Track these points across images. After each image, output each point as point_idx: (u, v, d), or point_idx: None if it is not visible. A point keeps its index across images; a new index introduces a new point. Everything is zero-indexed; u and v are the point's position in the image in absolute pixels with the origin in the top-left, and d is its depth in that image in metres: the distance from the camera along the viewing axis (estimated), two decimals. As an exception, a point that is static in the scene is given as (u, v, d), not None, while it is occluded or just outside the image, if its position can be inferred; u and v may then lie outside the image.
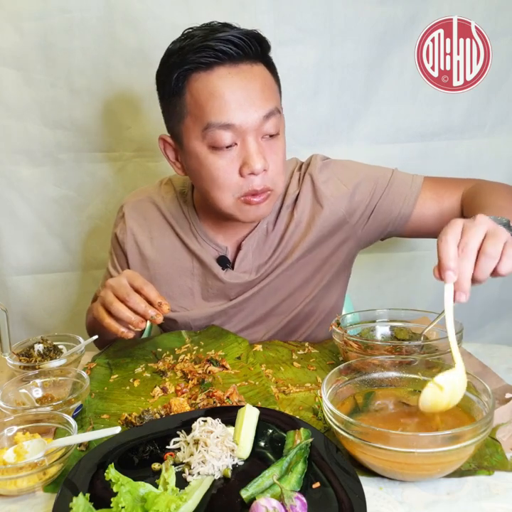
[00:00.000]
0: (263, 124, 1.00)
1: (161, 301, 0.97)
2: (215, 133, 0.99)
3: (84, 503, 0.60)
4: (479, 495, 0.65)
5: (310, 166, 1.18)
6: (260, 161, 1.00)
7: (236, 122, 0.98)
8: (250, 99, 0.98)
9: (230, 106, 0.98)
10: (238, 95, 0.98)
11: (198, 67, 0.99)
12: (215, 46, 0.97)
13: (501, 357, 1.00)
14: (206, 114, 0.99)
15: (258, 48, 1.01)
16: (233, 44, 0.98)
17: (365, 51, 1.56)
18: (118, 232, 1.25)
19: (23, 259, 1.70)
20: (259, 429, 0.76)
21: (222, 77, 0.98)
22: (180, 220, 1.21)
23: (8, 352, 1.00)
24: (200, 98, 0.99)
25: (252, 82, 0.99)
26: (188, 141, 1.04)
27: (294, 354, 1.09)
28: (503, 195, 1.04)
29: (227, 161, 1.01)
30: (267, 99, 1.00)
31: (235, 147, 1.01)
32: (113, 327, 0.99)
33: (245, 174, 1.01)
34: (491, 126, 1.63)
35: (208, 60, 0.98)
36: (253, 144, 1.00)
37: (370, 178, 1.16)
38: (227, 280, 1.17)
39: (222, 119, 0.98)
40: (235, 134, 0.99)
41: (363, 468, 0.69)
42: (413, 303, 1.62)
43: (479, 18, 1.49)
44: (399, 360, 0.82)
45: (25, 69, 1.54)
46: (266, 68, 1.03)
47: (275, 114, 1.02)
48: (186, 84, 1.01)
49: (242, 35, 0.99)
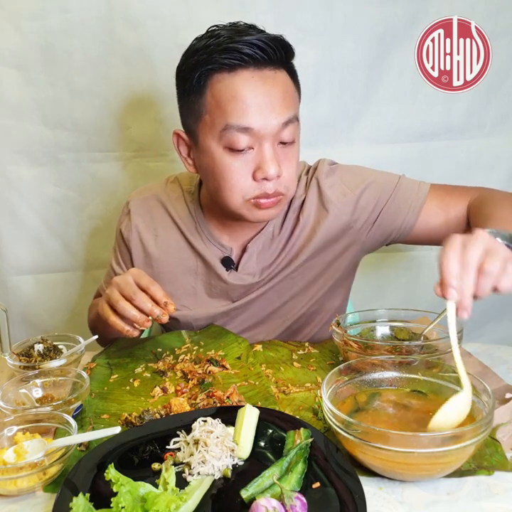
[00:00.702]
0: (281, 131, 1.00)
1: (167, 300, 0.98)
2: (233, 135, 0.99)
3: (84, 503, 0.60)
4: (479, 495, 0.65)
5: (317, 171, 1.17)
6: (275, 167, 1.00)
7: (255, 127, 0.98)
8: (271, 105, 0.98)
9: (251, 110, 0.97)
10: (260, 100, 0.97)
11: (222, 67, 0.98)
12: (241, 49, 0.96)
13: (501, 357, 1.00)
14: (226, 116, 0.98)
15: (283, 54, 1.00)
16: (259, 48, 0.97)
17: (365, 51, 1.56)
18: (123, 228, 1.25)
19: (23, 259, 1.70)
20: (259, 429, 0.76)
21: (246, 80, 0.97)
22: (185, 218, 1.21)
23: (8, 352, 1.00)
24: (221, 99, 0.98)
25: (274, 88, 0.99)
26: (203, 140, 1.03)
27: (294, 354, 1.09)
28: (509, 205, 1.03)
29: (242, 163, 1.01)
30: (287, 107, 1.00)
31: (251, 151, 1.00)
32: (118, 325, 0.99)
33: (259, 178, 1.01)
34: (491, 126, 1.63)
35: (233, 62, 0.97)
36: (269, 150, 1.00)
37: (376, 184, 1.15)
38: (231, 281, 1.17)
39: (242, 122, 0.97)
40: (252, 138, 0.99)
41: (363, 468, 0.69)
42: (413, 303, 1.62)
43: (479, 18, 1.49)
44: (399, 360, 0.82)
45: (25, 69, 1.54)
46: (288, 75, 1.03)
47: (293, 122, 1.02)
48: (208, 83, 1.00)
49: (269, 40, 0.98)
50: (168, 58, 1.53)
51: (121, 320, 0.99)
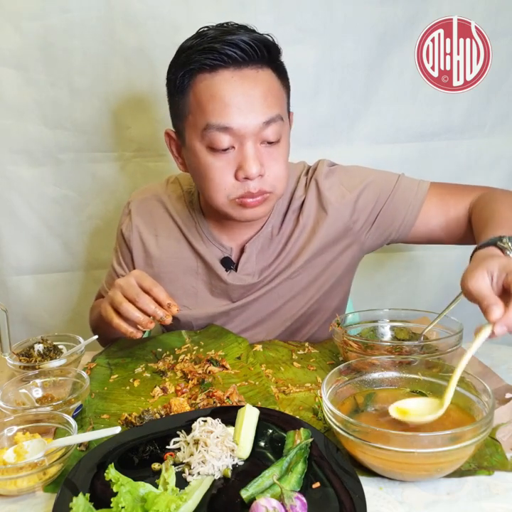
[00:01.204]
0: (262, 130, 1.00)
1: (170, 302, 0.98)
2: (213, 134, 0.99)
3: (84, 503, 0.60)
4: (479, 495, 0.65)
5: (316, 172, 1.17)
6: (256, 166, 1.00)
7: (234, 126, 0.98)
8: (251, 104, 0.98)
9: (230, 109, 0.98)
10: (239, 100, 0.98)
11: (203, 68, 0.99)
12: (220, 49, 0.97)
13: (501, 357, 1.00)
14: (206, 115, 0.99)
15: (265, 53, 1.00)
16: (239, 48, 0.97)
17: (365, 51, 1.56)
18: (124, 229, 1.25)
19: (23, 259, 1.70)
20: (259, 429, 0.76)
21: (226, 80, 0.98)
22: (186, 219, 1.21)
23: (8, 352, 1.00)
24: (202, 99, 1.00)
25: (255, 87, 0.99)
26: (189, 139, 1.05)
27: (294, 354, 1.09)
28: (510, 204, 1.03)
29: (224, 163, 1.02)
30: (269, 106, 1.00)
31: (232, 150, 1.01)
32: (122, 327, 0.99)
33: (240, 178, 1.01)
34: (491, 126, 1.63)
35: (213, 63, 0.98)
36: (250, 149, 1.00)
37: (374, 185, 1.15)
38: (230, 281, 1.17)
39: (221, 122, 0.98)
40: (233, 138, 1.00)
41: (363, 468, 0.69)
42: (413, 303, 1.62)
43: (479, 18, 1.49)
44: (399, 360, 0.82)
45: (25, 69, 1.54)
46: (273, 73, 1.03)
47: (276, 122, 1.01)
48: (191, 83, 1.01)
49: (251, 39, 0.98)
50: (168, 58, 1.53)
51: (125, 322, 0.99)
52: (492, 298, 0.73)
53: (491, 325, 0.71)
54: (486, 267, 0.75)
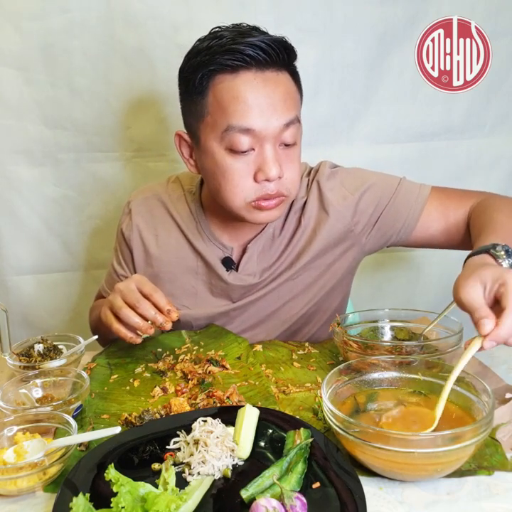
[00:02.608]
0: (282, 132, 1.00)
1: (170, 308, 0.98)
2: (234, 136, 0.99)
3: (84, 503, 0.60)
4: (479, 495, 0.65)
5: (318, 173, 1.17)
6: (276, 168, 1.00)
7: (256, 128, 0.98)
8: (273, 106, 0.98)
9: (252, 111, 0.97)
10: (261, 101, 0.97)
11: (224, 69, 0.98)
12: (243, 50, 0.96)
13: (501, 357, 1.00)
14: (227, 117, 0.98)
15: (285, 55, 1.00)
16: (261, 50, 0.97)
17: (365, 51, 1.56)
18: (124, 228, 1.25)
19: (23, 259, 1.70)
20: (259, 429, 0.76)
21: (248, 81, 0.97)
22: (186, 218, 1.21)
23: (8, 352, 1.00)
24: (223, 100, 0.98)
25: (276, 89, 0.99)
26: (205, 140, 1.04)
27: (294, 354, 1.09)
28: (508, 210, 1.02)
29: (243, 164, 1.01)
30: (289, 108, 1.00)
31: (252, 152, 1.01)
32: (121, 332, 0.99)
33: (260, 180, 1.01)
34: (491, 126, 1.63)
35: (235, 64, 0.97)
36: (270, 151, 1.00)
37: (376, 187, 1.15)
38: (231, 282, 1.17)
39: (243, 123, 0.97)
40: (253, 140, 0.99)
41: (363, 468, 0.69)
42: (413, 303, 1.62)
43: (479, 18, 1.49)
44: (399, 360, 0.82)
45: (25, 69, 1.54)
46: (290, 77, 1.03)
47: (295, 124, 1.02)
48: (210, 84, 1.00)
49: (271, 41, 0.98)
50: (168, 58, 1.54)
51: (124, 327, 0.99)
52: (483, 310, 0.72)
53: (481, 338, 0.71)
54: (479, 277, 0.75)
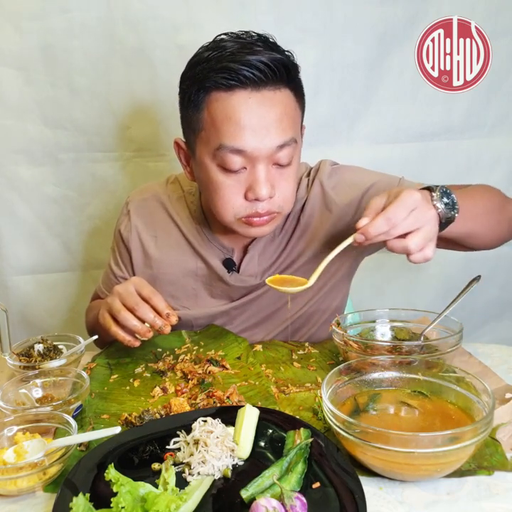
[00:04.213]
0: (276, 153, 0.98)
1: (169, 311, 0.98)
2: (226, 155, 0.97)
3: (84, 503, 0.60)
4: (479, 495, 0.65)
5: (319, 172, 1.17)
6: (266, 188, 0.98)
7: (248, 149, 0.96)
8: (266, 128, 0.96)
9: (245, 132, 0.95)
10: (255, 122, 0.95)
11: (219, 87, 0.96)
12: (238, 70, 0.93)
13: (501, 357, 1.00)
14: (220, 135, 0.97)
15: (284, 73, 0.97)
16: (258, 70, 0.94)
17: (365, 51, 1.56)
18: (122, 229, 1.24)
19: (23, 259, 1.70)
20: (259, 429, 0.76)
21: (242, 101, 0.95)
22: (186, 220, 1.20)
23: (8, 352, 1.00)
24: (216, 119, 0.97)
25: (271, 109, 0.96)
26: (200, 154, 1.03)
27: (294, 354, 1.09)
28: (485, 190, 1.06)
29: (234, 182, 1.00)
30: (284, 129, 0.97)
31: (244, 171, 0.99)
32: (119, 335, 0.99)
33: (250, 198, 1.00)
34: (491, 126, 1.63)
35: (229, 83, 0.94)
36: (262, 171, 0.98)
37: (378, 186, 1.14)
38: (233, 283, 1.17)
39: (235, 144, 0.96)
40: (245, 160, 0.98)
41: (363, 468, 0.69)
42: (413, 303, 1.62)
43: (479, 18, 1.49)
44: (399, 360, 0.82)
45: (25, 69, 1.54)
46: (291, 93, 1.00)
47: (290, 145, 0.99)
48: (206, 99, 0.98)
49: (270, 60, 0.94)
50: (168, 58, 1.54)
51: (123, 330, 0.99)
52: (369, 212, 0.86)
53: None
54: (390, 192, 0.86)
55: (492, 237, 1.07)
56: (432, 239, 0.85)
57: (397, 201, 0.83)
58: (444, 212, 0.89)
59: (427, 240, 0.84)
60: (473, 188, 1.07)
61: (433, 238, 0.86)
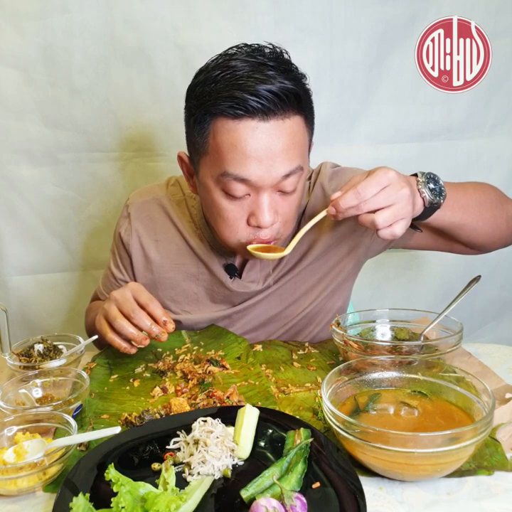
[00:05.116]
0: (281, 182, 0.96)
1: (166, 319, 0.97)
2: (230, 182, 0.95)
3: (84, 503, 0.60)
4: (479, 495, 0.65)
5: (320, 175, 1.16)
6: (270, 216, 0.97)
7: (252, 179, 0.94)
8: (272, 158, 0.93)
9: (250, 162, 0.92)
10: (261, 153, 0.92)
11: (226, 114, 0.92)
12: (246, 100, 0.90)
13: (501, 357, 1.00)
14: (225, 163, 0.94)
15: (295, 102, 0.94)
16: (266, 100, 0.90)
17: (365, 51, 1.56)
18: (123, 232, 1.22)
19: (23, 259, 1.70)
20: (259, 429, 0.76)
21: (249, 131, 0.92)
22: (187, 224, 1.19)
23: (8, 352, 1.00)
24: (222, 145, 0.94)
25: (279, 140, 0.93)
26: (203, 175, 1.01)
27: (294, 354, 1.09)
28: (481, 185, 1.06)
29: (238, 207, 0.98)
30: (291, 159, 0.95)
31: (248, 197, 0.98)
32: (115, 342, 0.99)
33: (252, 225, 0.99)
34: (491, 126, 1.63)
35: (236, 113, 0.91)
36: (266, 199, 0.96)
37: None
38: (235, 289, 1.16)
39: (239, 173, 0.94)
40: (249, 188, 0.96)
41: (363, 468, 0.69)
42: (413, 303, 1.62)
43: (479, 18, 1.50)
44: (399, 360, 0.82)
45: (25, 69, 1.54)
46: (301, 119, 0.97)
47: (296, 173, 0.97)
48: (212, 125, 0.94)
49: (280, 90, 0.90)
50: (168, 58, 1.54)
51: (119, 337, 0.99)
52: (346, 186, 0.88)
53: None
54: (371, 171, 0.87)
55: (488, 232, 1.06)
56: (404, 217, 0.86)
57: (370, 177, 0.85)
58: (429, 197, 0.90)
59: (397, 217, 0.85)
60: (469, 182, 1.08)
61: (405, 216, 0.86)
